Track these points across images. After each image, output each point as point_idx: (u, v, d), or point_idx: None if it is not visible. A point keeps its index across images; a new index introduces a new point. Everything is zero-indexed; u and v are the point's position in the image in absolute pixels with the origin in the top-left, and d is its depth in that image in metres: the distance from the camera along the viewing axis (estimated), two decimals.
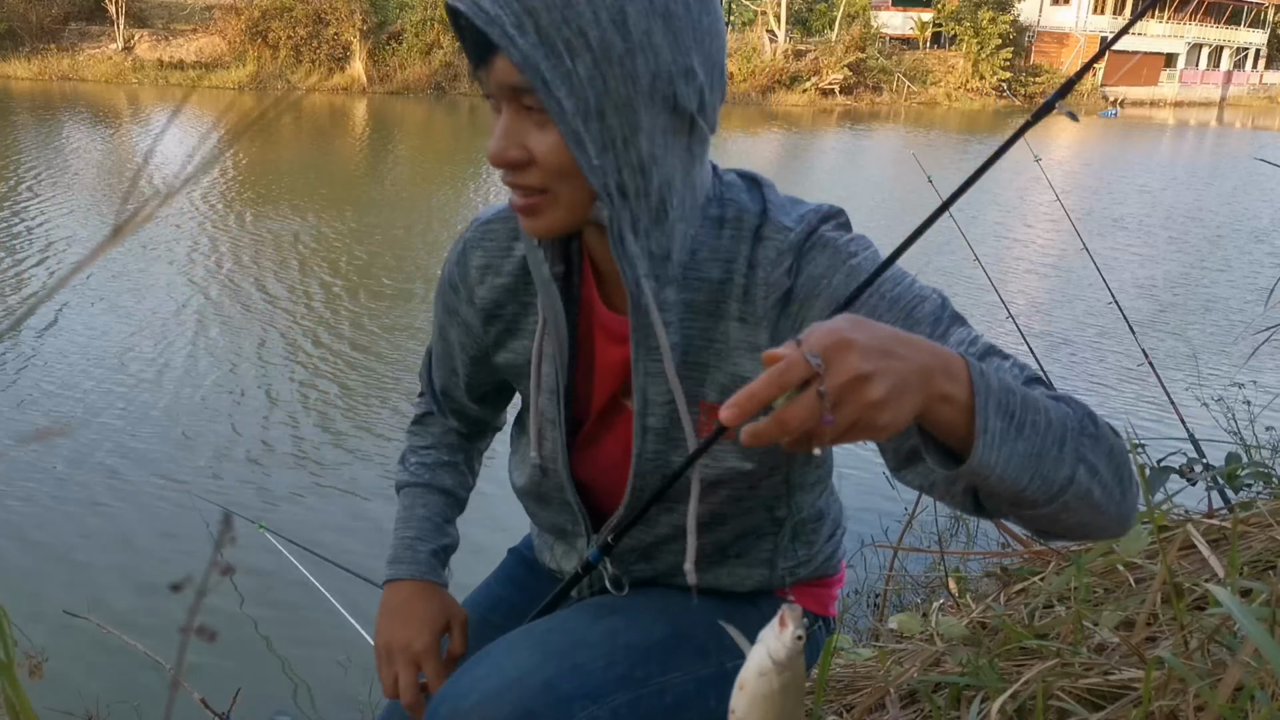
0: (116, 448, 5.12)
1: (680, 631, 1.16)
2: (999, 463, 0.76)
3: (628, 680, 1.10)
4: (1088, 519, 0.82)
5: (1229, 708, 1.00)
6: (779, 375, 0.68)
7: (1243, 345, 7.90)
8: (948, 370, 0.75)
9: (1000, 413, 0.76)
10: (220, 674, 3.04)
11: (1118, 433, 0.85)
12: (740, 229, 1.01)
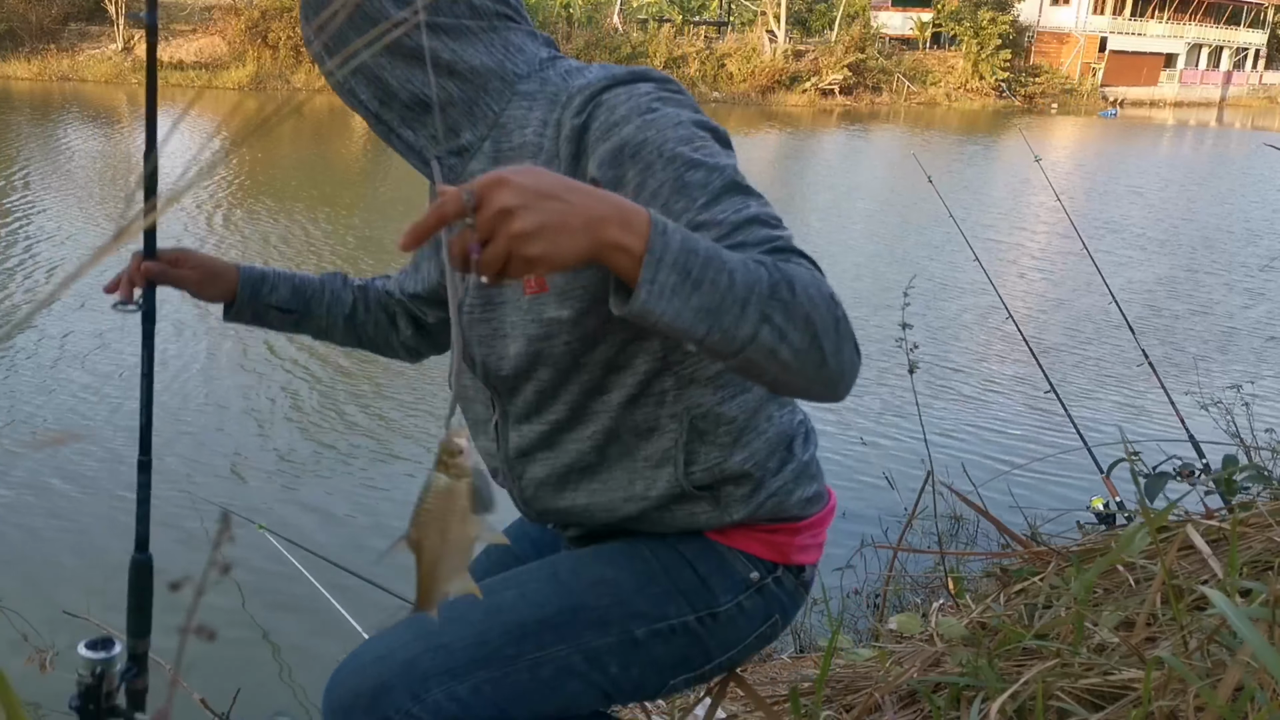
0: (117, 447, 5.12)
1: (576, 605, 1.19)
2: (668, 312, 0.83)
3: (495, 658, 1.15)
4: (782, 376, 0.89)
5: (1229, 708, 1.00)
6: (437, 208, 0.77)
7: (1243, 346, 7.90)
8: (624, 221, 0.81)
9: (675, 268, 0.83)
10: (220, 674, 3.04)
11: (835, 303, 0.90)
12: (555, 99, 1.09)
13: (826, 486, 1.31)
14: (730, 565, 1.21)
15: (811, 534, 1.27)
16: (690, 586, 1.20)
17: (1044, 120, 34.93)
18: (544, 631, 1.18)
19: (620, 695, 1.23)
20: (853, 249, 11.50)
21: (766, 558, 1.23)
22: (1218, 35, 49.23)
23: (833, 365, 0.90)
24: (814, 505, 1.26)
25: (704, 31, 38.23)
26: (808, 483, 1.26)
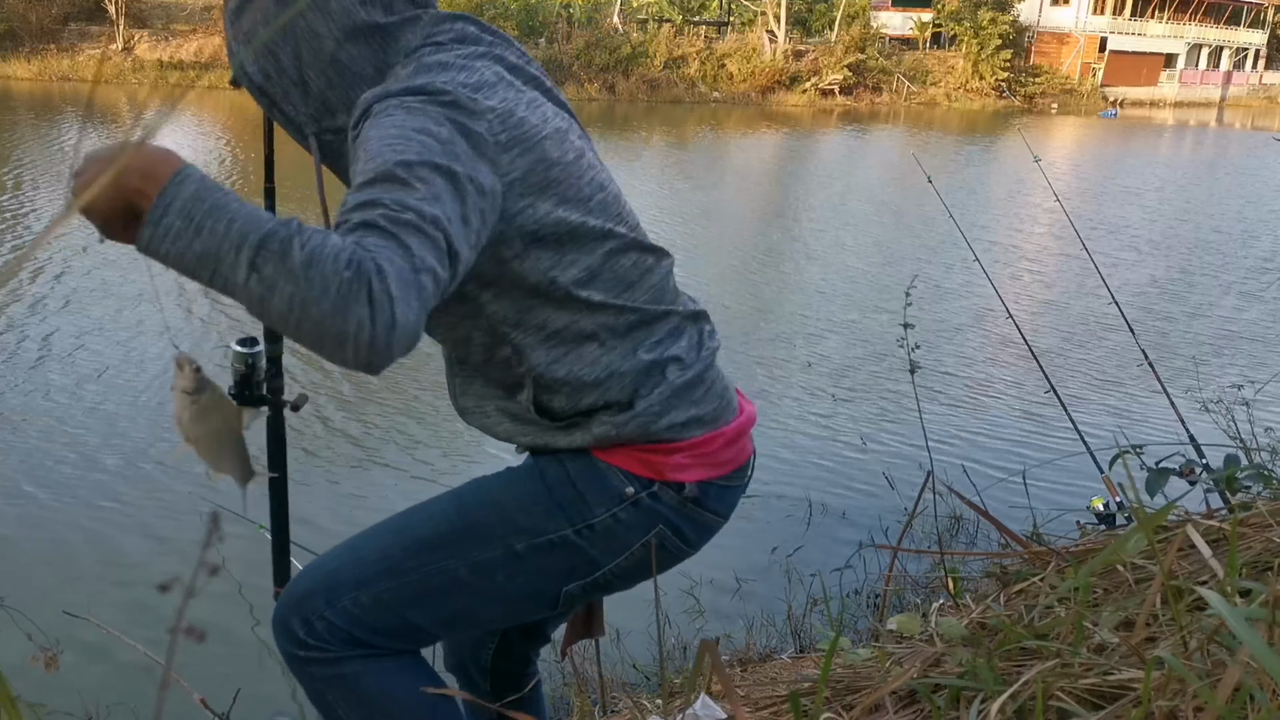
0: (118, 447, 5.13)
1: (468, 523, 1.37)
2: (171, 253, 0.98)
3: (395, 570, 1.36)
4: (282, 327, 0.99)
5: (1228, 708, 1.00)
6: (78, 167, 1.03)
7: (1243, 346, 7.90)
8: (147, 173, 0.97)
9: (181, 214, 0.96)
10: (220, 674, 3.04)
11: (347, 268, 0.95)
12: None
13: (729, 411, 1.40)
14: (606, 480, 1.32)
15: (690, 454, 1.33)
16: (568, 501, 1.33)
17: (1044, 120, 34.93)
18: (438, 546, 1.36)
19: (517, 602, 1.40)
20: (852, 249, 11.50)
21: (642, 474, 1.32)
22: (1218, 35, 49.22)
23: (331, 324, 0.95)
24: (691, 429, 1.33)
25: (704, 31, 38.22)
26: (682, 408, 1.33)
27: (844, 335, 7.84)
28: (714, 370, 1.39)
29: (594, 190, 1.30)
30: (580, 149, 1.32)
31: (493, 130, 1.17)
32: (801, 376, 6.81)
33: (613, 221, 1.31)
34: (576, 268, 1.27)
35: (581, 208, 1.27)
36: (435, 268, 1.01)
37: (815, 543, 4.41)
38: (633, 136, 23.36)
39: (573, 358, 1.30)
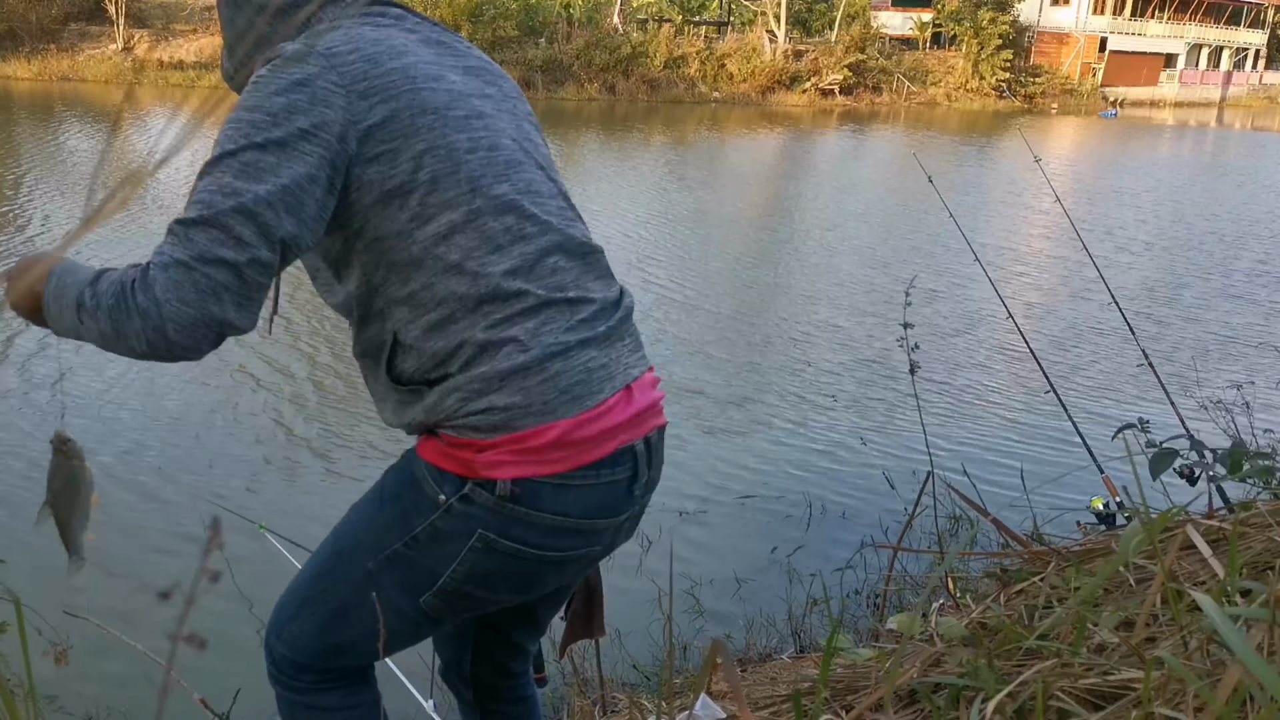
0: (119, 447, 5.13)
1: (339, 547, 1.43)
2: (59, 330, 1.25)
3: (308, 599, 1.44)
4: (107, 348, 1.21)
5: (1228, 708, 1.00)
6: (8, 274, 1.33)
7: (1243, 346, 7.90)
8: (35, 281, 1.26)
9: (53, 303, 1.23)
10: (220, 674, 3.04)
11: (119, 295, 1.17)
12: None
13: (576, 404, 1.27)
14: (422, 489, 1.31)
15: (508, 450, 1.25)
16: (398, 515, 1.35)
17: (1044, 121, 34.93)
18: (327, 572, 1.43)
19: (400, 617, 1.36)
20: (852, 249, 11.50)
21: (456, 472, 1.28)
22: (1218, 35, 49.22)
23: (123, 342, 1.18)
24: (514, 417, 1.24)
25: (704, 31, 38.22)
26: (505, 392, 1.24)
27: (844, 335, 7.83)
28: (564, 361, 1.27)
29: (474, 146, 1.27)
30: (478, 110, 1.29)
31: (345, 80, 1.20)
32: (801, 376, 6.81)
33: (492, 180, 1.27)
34: (436, 222, 1.24)
35: (451, 159, 1.24)
36: (225, 256, 1.14)
37: (815, 543, 4.41)
38: (633, 136, 23.36)
39: (424, 322, 1.26)
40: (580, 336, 1.29)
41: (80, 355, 6.49)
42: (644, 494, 1.37)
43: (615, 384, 1.30)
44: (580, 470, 1.27)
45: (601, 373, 1.30)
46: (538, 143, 1.40)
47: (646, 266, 9.85)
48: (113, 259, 9.01)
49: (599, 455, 1.28)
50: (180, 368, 6.35)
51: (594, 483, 1.29)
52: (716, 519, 4.61)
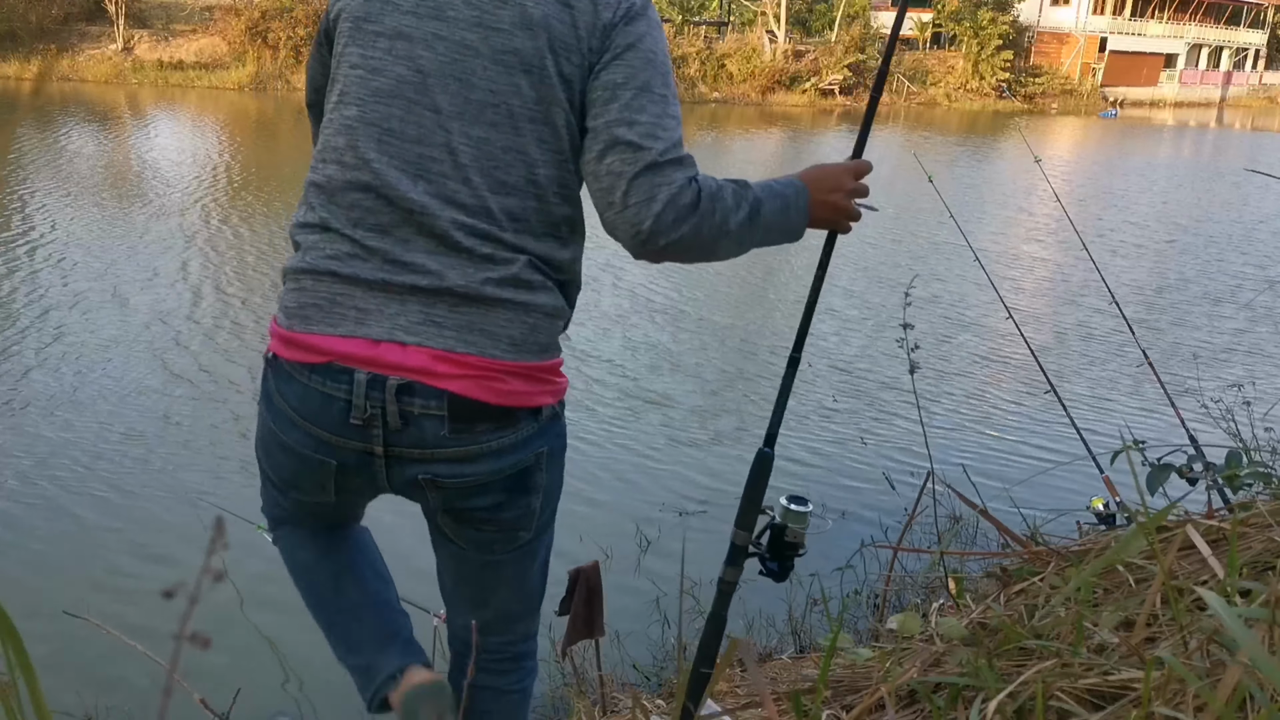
0: (120, 448, 5.13)
1: None
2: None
3: None
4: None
5: (1228, 708, 1.00)
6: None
7: (1243, 346, 7.90)
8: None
9: None
10: (220, 674, 3.04)
11: None
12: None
13: (322, 323, 1.31)
14: None
15: (273, 332, 1.37)
16: None
17: (1044, 121, 34.93)
18: None
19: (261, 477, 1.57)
20: (852, 249, 11.49)
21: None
22: (1218, 35, 49.21)
23: None
24: (286, 308, 1.35)
25: (704, 31, 38.20)
26: (288, 286, 1.37)
27: (844, 335, 7.83)
28: (313, 280, 1.31)
29: (360, 63, 1.30)
30: (396, 30, 1.28)
31: None
32: (801, 376, 6.80)
33: (351, 101, 1.30)
34: (323, 120, 1.38)
35: (340, 68, 1.33)
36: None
37: (815, 543, 4.39)
38: None
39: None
40: (345, 270, 1.29)
41: (77, 353, 6.49)
42: (381, 439, 1.31)
43: (365, 332, 1.28)
44: (299, 365, 1.32)
45: (354, 313, 1.29)
46: (473, 82, 1.27)
47: (647, 266, 9.85)
48: (110, 252, 9.01)
49: (314, 360, 1.31)
50: (185, 368, 6.35)
51: (308, 384, 1.31)
52: (716, 519, 4.60)
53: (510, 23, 1.26)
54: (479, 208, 1.28)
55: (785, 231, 1.41)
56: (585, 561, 2.34)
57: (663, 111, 1.28)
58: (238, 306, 7.79)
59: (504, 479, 1.36)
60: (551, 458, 1.40)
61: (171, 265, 8.97)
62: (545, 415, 1.36)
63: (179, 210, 11.44)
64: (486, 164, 1.28)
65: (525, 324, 1.30)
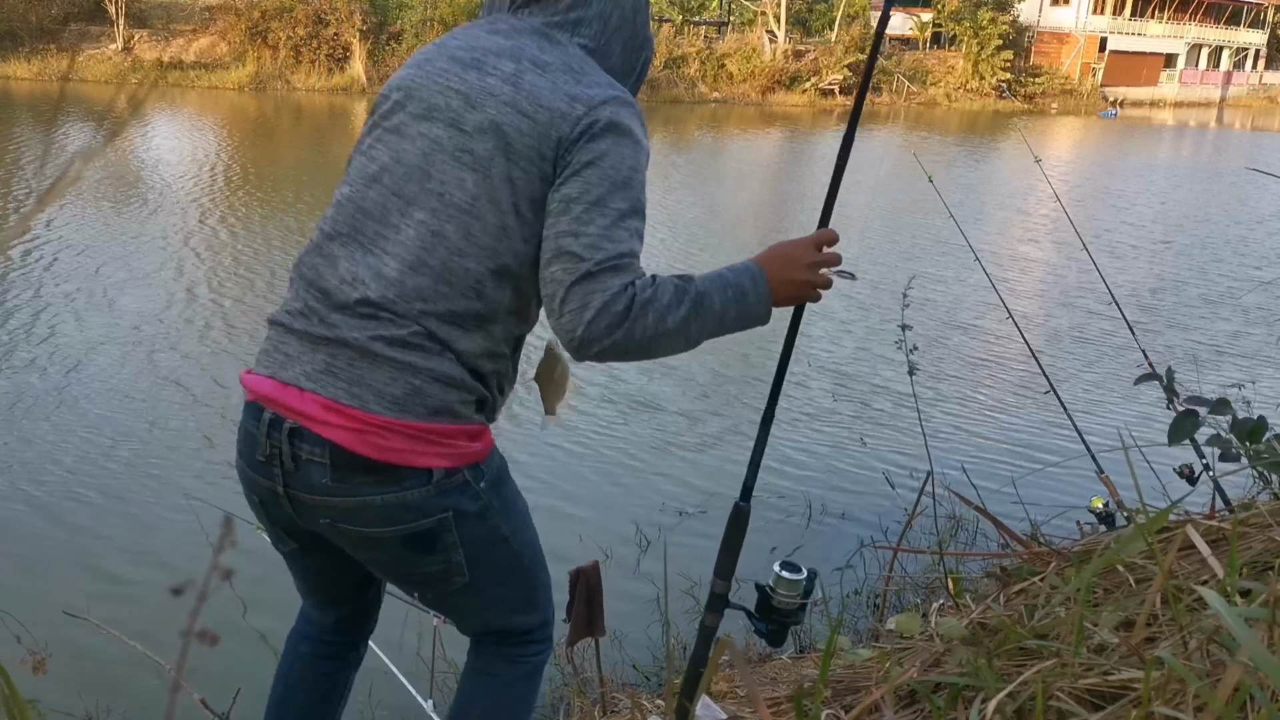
0: (121, 448, 5.13)
1: None
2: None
3: None
4: None
5: (1228, 708, 1.00)
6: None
7: (1243, 346, 7.90)
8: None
9: None
10: (221, 674, 3.04)
11: None
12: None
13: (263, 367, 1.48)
14: None
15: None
16: None
17: (1044, 121, 34.92)
18: None
19: None
20: (852, 249, 11.50)
21: None
22: (1218, 35, 49.20)
23: None
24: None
25: (704, 31, 38.20)
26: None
27: (843, 335, 7.83)
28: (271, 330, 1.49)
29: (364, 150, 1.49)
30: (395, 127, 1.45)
31: None
32: (801, 377, 6.81)
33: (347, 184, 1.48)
34: None
35: (358, 149, 1.50)
36: None
37: (815, 543, 4.42)
38: None
39: None
40: (288, 322, 1.45)
41: (78, 353, 6.49)
42: (281, 478, 1.42)
43: (280, 374, 1.42)
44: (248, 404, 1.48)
45: (281, 358, 1.44)
46: (431, 174, 1.40)
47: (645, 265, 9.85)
48: (106, 247, 9.01)
49: (248, 398, 1.47)
50: (187, 368, 6.35)
51: (243, 419, 1.48)
52: (716, 519, 4.60)
53: (474, 126, 1.38)
54: (396, 280, 1.39)
55: (745, 319, 1.49)
56: (585, 562, 2.35)
57: (613, 224, 1.35)
58: (243, 307, 7.79)
59: (403, 538, 1.42)
60: (462, 520, 1.44)
61: (176, 268, 8.97)
62: (440, 478, 1.40)
63: (175, 210, 11.44)
64: (417, 245, 1.39)
65: (409, 384, 1.37)
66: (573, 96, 1.37)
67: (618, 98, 1.42)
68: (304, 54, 28.76)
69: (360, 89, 28.79)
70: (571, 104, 1.36)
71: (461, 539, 1.45)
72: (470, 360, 1.41)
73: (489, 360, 1.43)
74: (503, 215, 1.37)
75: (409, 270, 1.38)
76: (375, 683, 3.11)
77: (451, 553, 1.46)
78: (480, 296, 1.39)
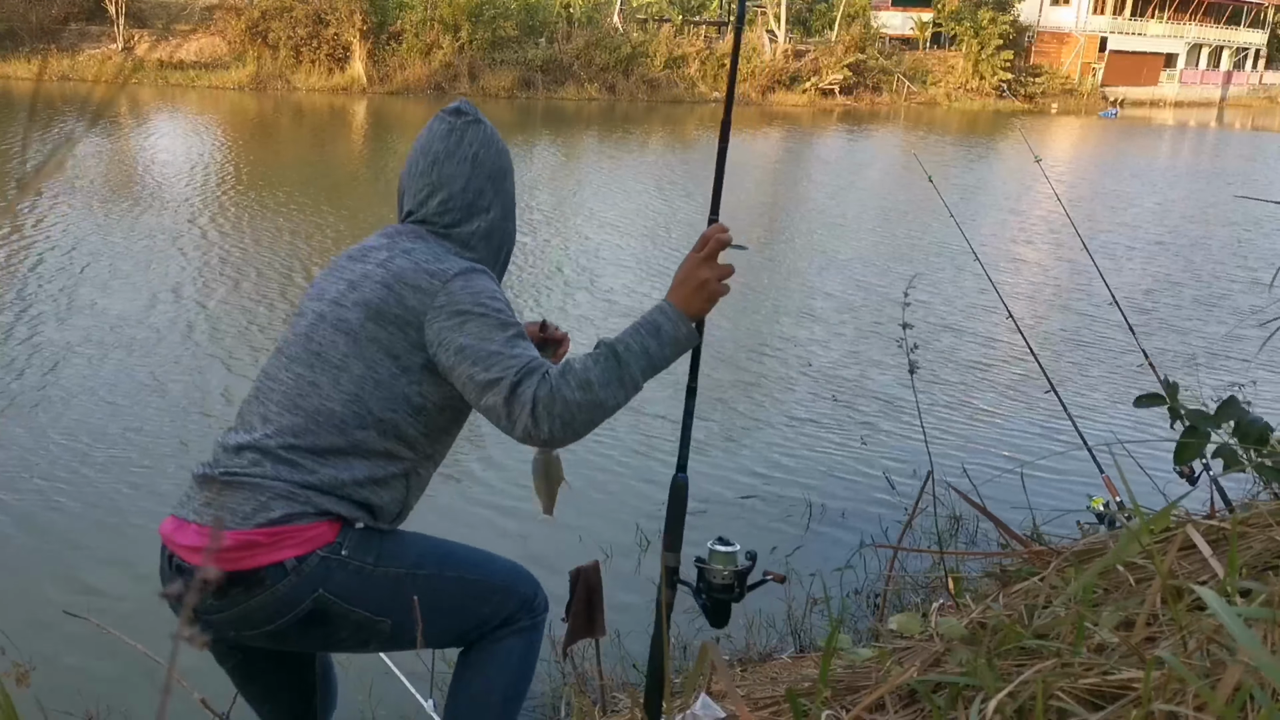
0: (121, 448, 5.12)
1: None
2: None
3: None
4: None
5: (1228, 708, 1.00)
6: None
7: (1243, 346, 7.90)
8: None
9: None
10: (220, 674, 3.03)
11: None
12: None
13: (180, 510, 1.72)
14: None
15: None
16: None
17: (1044, 120, 34.92)
18: None
19: None
20: (852, 249, 11.50)
21: None
22: (1218, 35, 49.21)
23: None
24: None
25: (704, 31, 38.20)
26: None
27: (844, 335, 7.83)
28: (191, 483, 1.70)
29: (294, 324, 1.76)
30: (308, 310, 1.74)
31: None
32: (801, 377, 6.81)
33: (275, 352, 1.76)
34: None
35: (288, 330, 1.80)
36: None
37: (815, 543, 4.41)
38: (633, 136, 23.36)
39: None
40: (197, 472, 1.70)
41: (78, 353, 6.49)
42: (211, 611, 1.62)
43: (178, 512, 1.69)
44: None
45: (184, 499, 1.70)
46: (313, 337, 1.68)
47: (646, 266, 9.86)
48: (114, 249, 9.01)
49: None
50: (186, 368, 6.35)
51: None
52: (716, 519, 4.60)
53: (351, 301, 1.67)
54: (273, 420, 1.66)
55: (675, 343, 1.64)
56: (585, 561, 2.34)
57: (505, 344, 1.58)
58: (242, 307, 7.79)
59: (298, 622, 1.61)
60: (340, 588, 1.61)
61: (176, 267, 8.97)
62: (294, 566, 1.58)
63: (165, 210, 11.43)
64: (294, 392, 1.66)
65: (257, 500, 1.59)
66: (430, 272, 1.64)
67: (471, 268, 1.67)
68: (304, 54, 28.76)
69: (360, 89, 28.81)
70: (430, 279, 1.63)
71: (352, 602, 1.61)
72: (340, 487, 1.61)
73: (373, 487, 1.65)
74: (370, 369, 1.63)
75: (286, 412, 1.64)
76: (375, 683, 3.11)
77: (351, 615, 1.62)
78: (344, 434, 1.63)
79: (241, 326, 7.28)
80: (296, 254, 9.67)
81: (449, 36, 29.57)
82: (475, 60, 30.08)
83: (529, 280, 9.20)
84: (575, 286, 9.02)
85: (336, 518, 1.62)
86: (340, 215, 11.57)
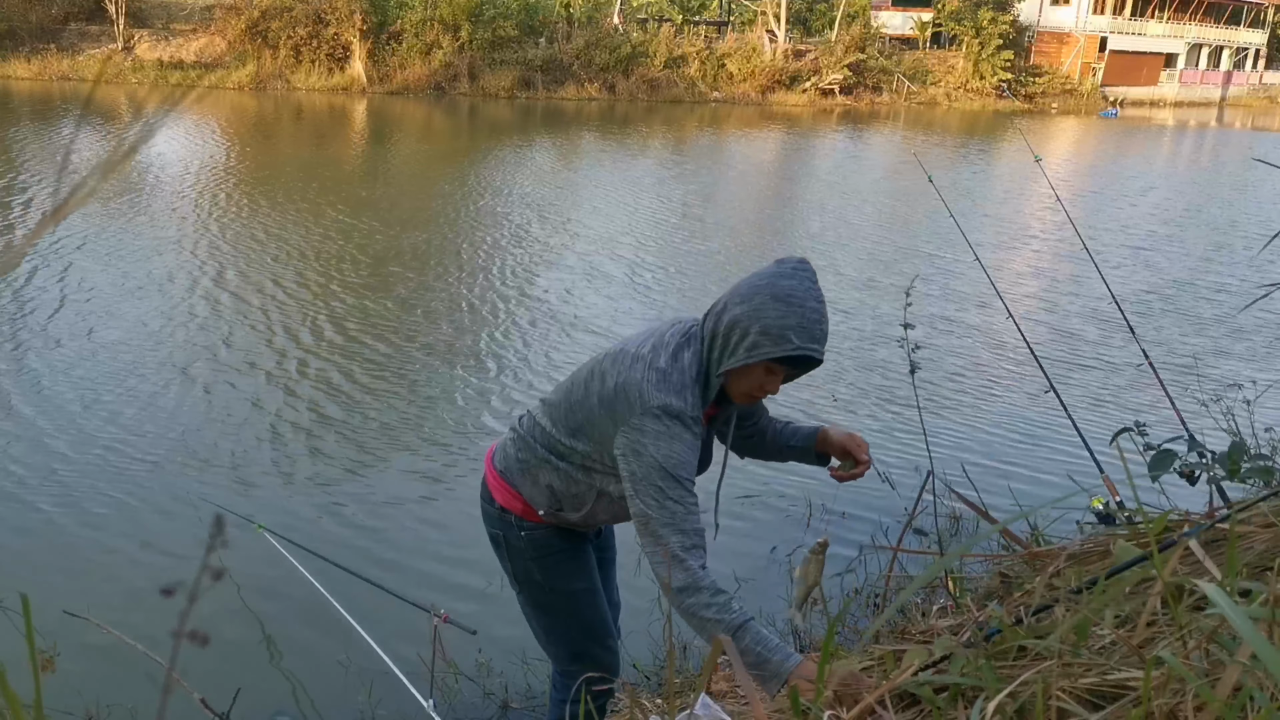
0: (120, 448, 5.12)
1: None
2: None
3: None
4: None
5: (1227, 707, 1.00)
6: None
7: (1244, 346, 7.90)
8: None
9: None
10: (220, 674, 3.04)
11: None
12: None
13: None
14: None
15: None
16: None
17: (1044, 120, 34.92)
18: None
19: None
20: (853, 249, 11.50)
21: None
22: (1218, 35, 49.20)
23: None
24: None
25: (704, 31, 38.20)
26: None
27: (844, 335, 7.83)
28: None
29: None
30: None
31: None
32: (801, 376, 6.80)
33: None
34: None
35: None
36: None
37: (815, 542, 4.40)
38: (633, 136, 23.36)
39: None
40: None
41: (78, 353, 6.49)
42: None
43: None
44: None
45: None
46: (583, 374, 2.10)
47: (646, 266, 9.86)
48: (119, 253, 9.02)
49: None
50: (184, 368, 6.35)
51: None
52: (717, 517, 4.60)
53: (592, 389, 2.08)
54: (547, 409, 2.16)
55: (758, 671, 1.78)
56: None
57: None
58: (240, 306, 7.79)
59: (489, 536, 2.24)
60: (505, 542, 2.20)
61: (175, 267, 8.97)
62: (500, 509, 2.19)
63: (163, 210, 11.44)
64: (565, 403, 2.12)
65: (515, 460, 2.18)
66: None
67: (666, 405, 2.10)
68: (304, 54, 28.76)
69: (360, 89, 28.81)
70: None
71: (510, 555, 2.19)
72: (547, 476, 2.11)
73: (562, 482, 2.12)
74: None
75: (553, 407, 2.10)
76: (375, 683, 3.12)
77: (505, 562, 2.21)
78: (573, 438, 2.07)
79: (242, 326, 7.28)
80: (297, 254, 9.67)
81: (449, 36, 29.57)
82: (475, 60, 30.09)
83: (530, 280, 9.20)
84: (576, 286, 9.02)
85: (544, 505, 2.20)
86: (340, 215, 11.57)
